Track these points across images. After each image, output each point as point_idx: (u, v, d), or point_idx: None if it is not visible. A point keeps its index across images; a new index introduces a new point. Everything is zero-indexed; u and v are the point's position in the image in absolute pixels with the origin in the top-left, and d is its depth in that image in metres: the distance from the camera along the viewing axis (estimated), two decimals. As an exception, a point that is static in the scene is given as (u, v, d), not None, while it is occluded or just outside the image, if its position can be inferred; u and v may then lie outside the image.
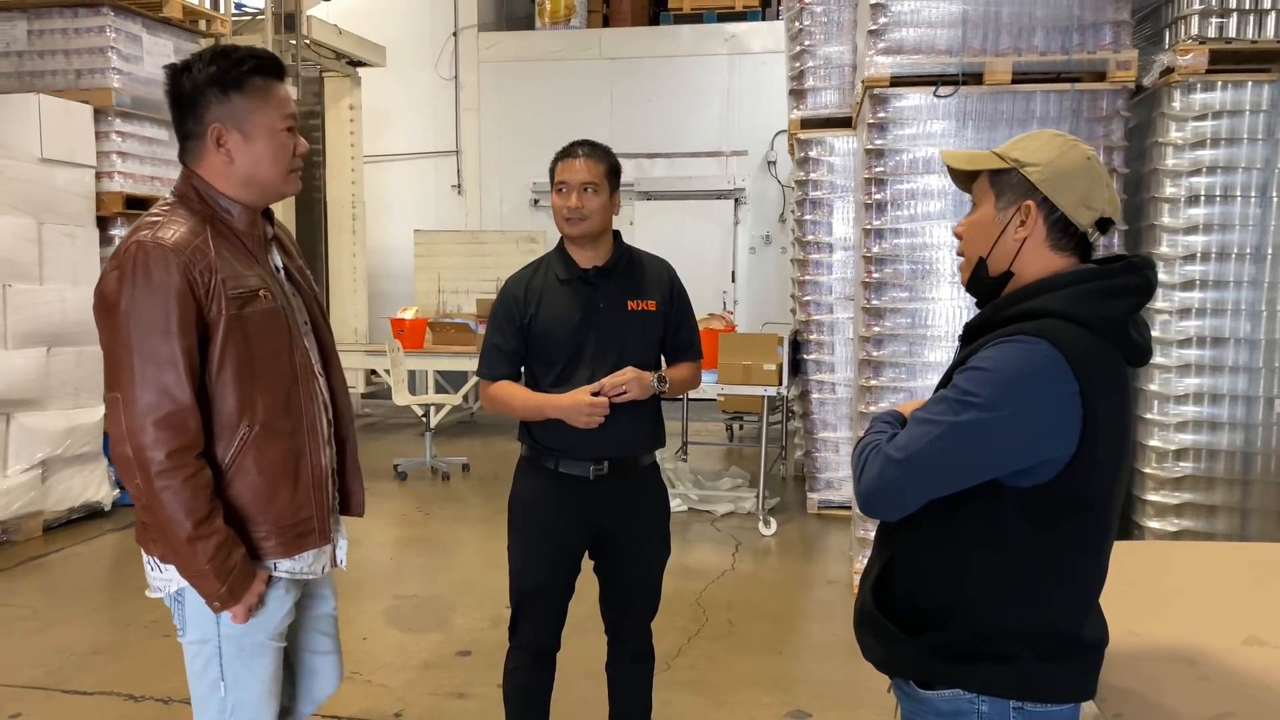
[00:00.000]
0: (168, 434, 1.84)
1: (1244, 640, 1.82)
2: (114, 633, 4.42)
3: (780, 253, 11.30)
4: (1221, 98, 4.44)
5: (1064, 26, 4.59)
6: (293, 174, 2.02)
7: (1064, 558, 1.57)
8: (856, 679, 3.95)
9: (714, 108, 11.43)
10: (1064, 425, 1.50)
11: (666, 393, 2.76)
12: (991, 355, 1.54)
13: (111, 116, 6.42)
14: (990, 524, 1.56)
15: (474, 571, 5.37)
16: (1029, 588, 1.56)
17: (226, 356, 1.91)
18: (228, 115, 1.95)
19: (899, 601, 1.66)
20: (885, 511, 1.61)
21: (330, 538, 2.13)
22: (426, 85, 12.00)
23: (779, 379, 6.12)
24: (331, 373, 2.19)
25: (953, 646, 1.60)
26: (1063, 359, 1.50)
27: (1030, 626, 1.57)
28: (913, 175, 4.82)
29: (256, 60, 1.96)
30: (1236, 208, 4.47)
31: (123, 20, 6.46)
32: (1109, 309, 1.57)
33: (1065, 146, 1.64)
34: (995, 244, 1.66)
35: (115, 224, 6.52)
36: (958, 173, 1.77)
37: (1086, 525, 1.58)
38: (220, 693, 2.02)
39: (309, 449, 2.05)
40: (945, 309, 4.82)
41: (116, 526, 6.16)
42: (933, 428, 1.53)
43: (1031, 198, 1.63)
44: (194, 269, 1.87)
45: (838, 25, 6.29)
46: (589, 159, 2.69)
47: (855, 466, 1.65)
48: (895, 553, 1.67)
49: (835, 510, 6.45)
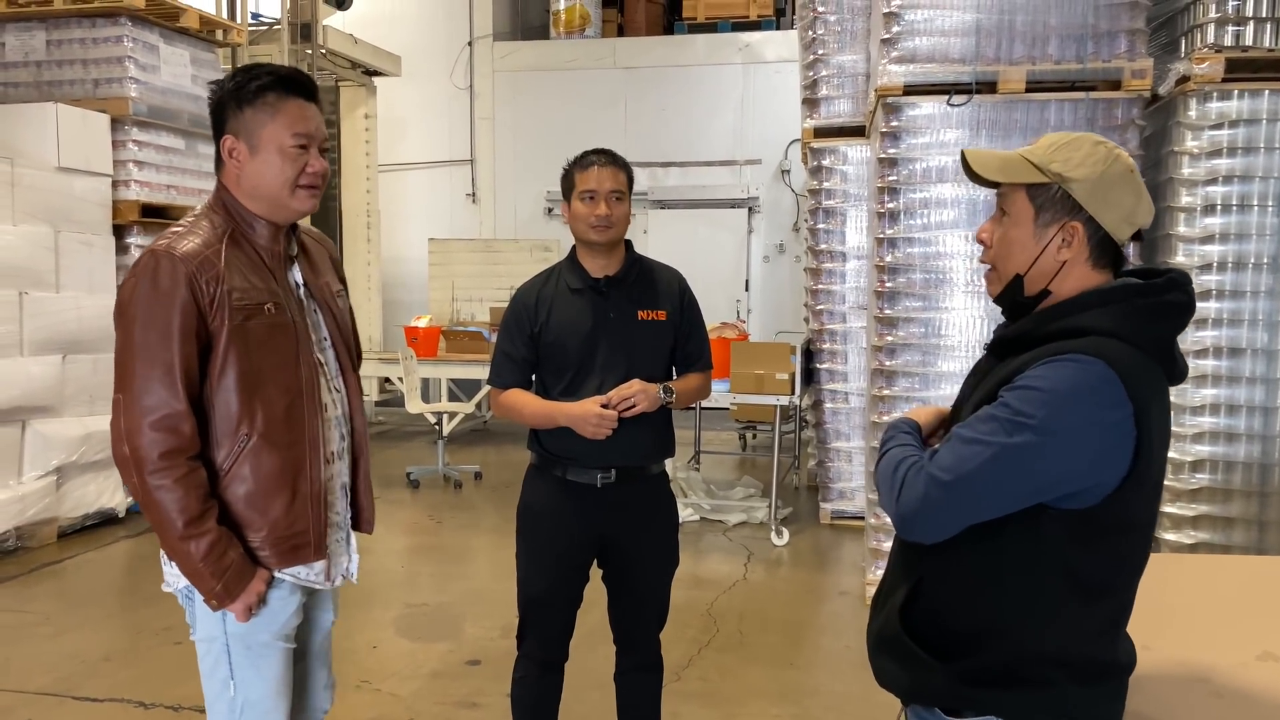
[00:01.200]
0: (162, 435, 1.90)
1: (1258, 656, 1.79)
2: (126, 639, 4.44)
3: (794, 261, 11.29)
4: (1238, 106, 4.40)
5: (1078, 35, 4.56)
6: (301, 190, 2.03)
7: (1104, 580, 1.51)
8: (870, 693, 3.89)
9: (728, 116, 11.44)
10: (1118, 449, 1.44)
11: (674, 404, 2.75)
12: (1045, 374, 1.46)
13: (128, 126, 6.47)
14: (1029, 545, 1.49)
15: (485, 580, 5.36)
16: (1067, 611, 1.50)
17: (228, 365, 1.95)
18: (239, 128, 2.01)
19: (925, 624, 1.58)
20: (927, 534, 1.52)
21: (325, 554, 2.12)
22: (441, 94, 12.05)
23: (792, 388, 6.09)
24: (350, 389, 2.21)
25: (985, 672, 1.53)
26: (1118, 380, 1.44)
27: (1066, 651, 1.51)
28: (926, 184, 4.80)
29: (273, 77, 2.00)
30: (1254, 217, 4.42)
31: (140, 30, 6.52)
32: (1158, 329, 1.52)
33: (1109, 159, 1.54)
34: (1034, 263, 1.57)
35: (131, 232, 6.56)
36: (978, 173, 1.64)
37: (1130, 547, 1.52)
38: (230, 692, 2.05)
39: (309, 463, 2.06)
40: (959, 318, 4.79)
41: (130, 533, 6.18)
42: (983, 449, 1.45)
43: (1076, 217, 1.54)
44: (200, 279, 1.92)
45: (851, 34, 6.28)
46: (614, 167, 2.69)
47: (889, 482, 1.56)
48: (924, 574, 1.59)
49: (848, 521, 6.41)
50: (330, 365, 2.16)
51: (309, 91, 2.05)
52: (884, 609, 1.66)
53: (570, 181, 2.72)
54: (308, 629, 2.22)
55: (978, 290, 4.76)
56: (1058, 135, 1.60)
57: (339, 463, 2.17)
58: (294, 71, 2.05)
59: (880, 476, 1.60)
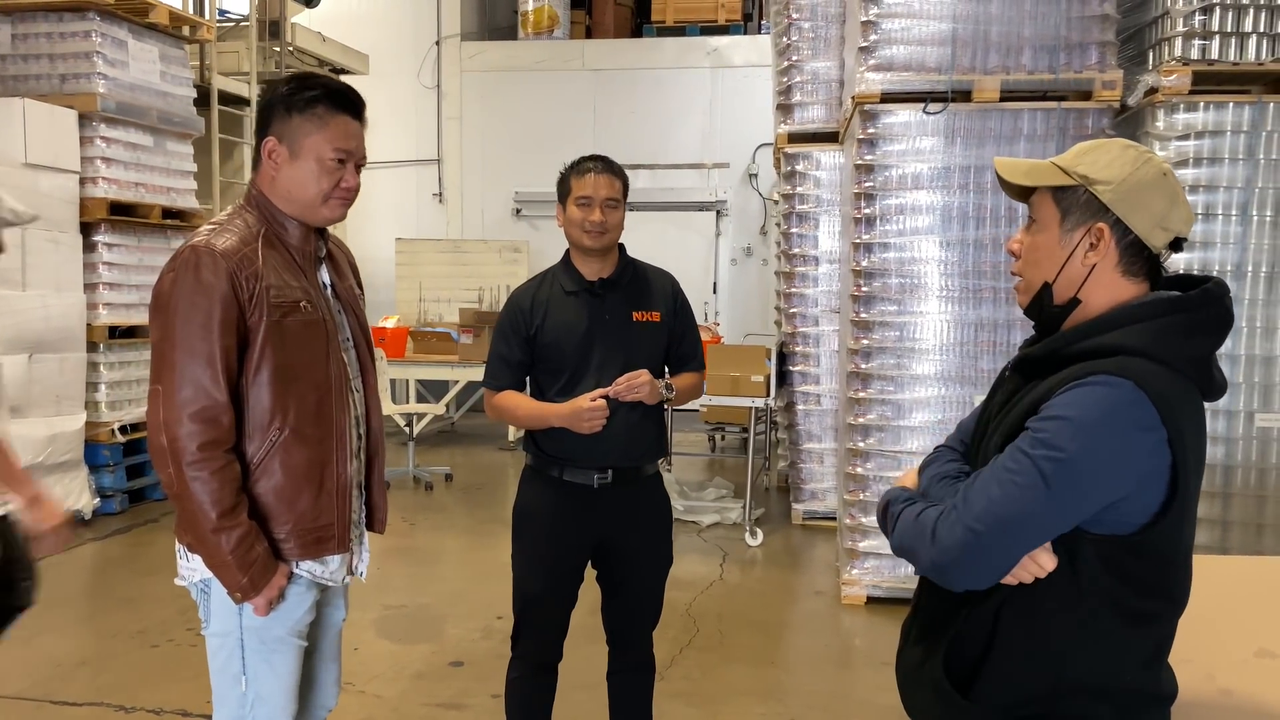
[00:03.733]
0: (201, 427, 1.92)
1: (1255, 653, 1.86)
2: (100, 643, 4.38)
3: (761, 265, 11.38)
4: (1204, 118, 4.53)
5: (1051, 46, 4.67)
6: (332, 202, 2.09)
7: (1145, 608, 1.48)
8: (849, 689, 3.99)
9: (696, 120, 11.50)
10: (1155, 473, 1.41)
11: (672, 401, 2.79)
12: (1072, 402, 1.41)
13: (96, 122, 6.37)
14: (1069, 574, 1.45)
15: (461, 582, 5.35)
16: (1111, 640, 1.46)
17: (264, 360, 1.99)
18: (284, 132, 2.06)
19: (964, 660, 1.53)
20: (970, 582, 1.46)
21: (348, 546, 2.17)
22: (409, 94, 11.98)
23: (767, 390, 6.16)
24: (368, 390, 2.25)
25: (1026, 708, 1.49)
26: (1148, 401, 1.38)
27: (1108, 683, 1.47)
28: (902, 190, 4.88)
29: (326, 90, 2.06)
30: (1218, 226, 4.55)
31: (108, 25, 6.42)
32: (1194, 348, 1.46)
33: (1139, 161, 1.49)
34: (1062, 269, 1.52)
35: (99, 230, 6.47)
36: (1011, 184, 1.61)
37: (1173, 573, 1.49)
38: (241, 687, 2.06)
39: (336, 458, 2.10)
40: (933, 323, 4.88)
41: (97, 535, 6.09)
42: (1018, 491, 1.40)
43: (1103, 219, 1.49)
44: (240, 275, 1.96)
45: (825, 41, 6.35)
46: (609, 175, 2.75)
47: (915, 534, 1.50)
48: (969, 614, 1.53)
49: (820, 521, 6.50)
50: (352, 365, 2.20)
51: (357, 110, 2.11)
52: (923, 644, 1.61)
53: (566, 186, 2.75)
54: (319, 626, 2.24)
55: (951, 295, 4.85)
56: (1088, 142, 1.58)
57: (356, 461, 2.20)
58: (347, 88, 2.11)
59: (902, 534, 1.54)
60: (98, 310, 6.46)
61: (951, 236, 4.83)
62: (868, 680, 4.07)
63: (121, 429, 6.60)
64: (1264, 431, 4.61)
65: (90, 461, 6.40)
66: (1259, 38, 4.44)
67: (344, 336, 2.19)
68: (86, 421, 6.33)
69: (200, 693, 3.83)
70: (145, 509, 6.76)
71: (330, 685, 2.34)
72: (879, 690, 3.91)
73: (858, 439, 4.99)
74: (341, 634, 2.38)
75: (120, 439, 6.58)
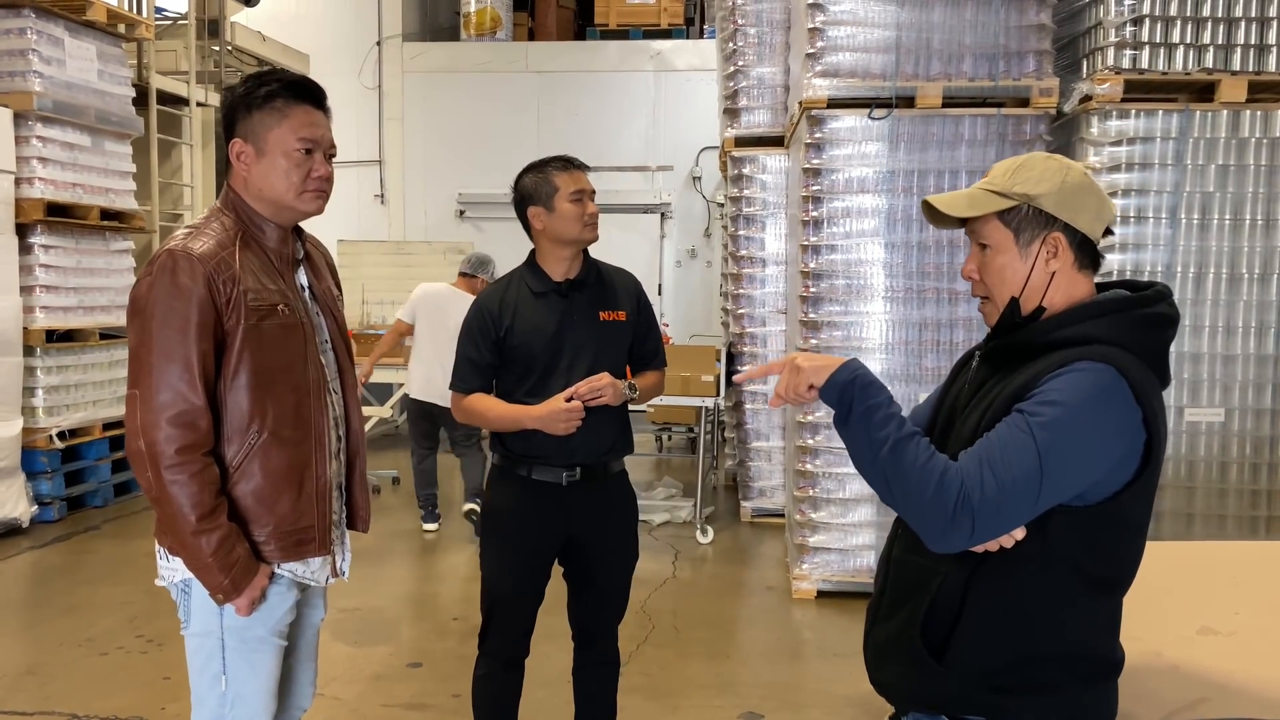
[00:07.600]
0: (178, 431, 1.93)
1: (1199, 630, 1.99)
2: (46, 652, 4.29)
3: (705, 266, 11.49)
4: (1135, 125, 4.72)
5: (991, 54, 4.83)
6: (306, 195, 2.09)
7: (1107, 574, 1.59)
8: (803, 680, 4.08)
9: (640, 123, 11.57)
10: (1133, 449, 1.53)
11: (635, 400, 2.84)
12: (1061, 386, 1.52)
13: (32, 121, 6.23)
14: (1040, 542, 1.55)
15: (413, 584, 5.35)
16: (1074, 609, 1.57)
17: (242, 363, 1.99)
18: (248, 131, 2.06)
19: (938, 631, 1.61)
20: (960, 546, 1.53)
21: (329, 549, 2.18)
22: (349, 94, 11.84)
23: (717, 390, 6.24)
24: (347, 391, 2.26)
25: (996, 676, 1.58)
26: (1127, 384, 1.52)
27: (1073, 651, 1.58)
28: (848, 194, 5.00)
29: (281, 83, 2.05)
30: (1149, 228, 4.75)
31: (44, 22, 6.28)
32: (1156, 338, 1.61)
33: (1063, 169, 1.63)
34: (1027, 281, 1.63)
35: (35, 232, 6.32)
36: (944, 215, 1.69)
37: (1132, 542, 1.60)
38: (221, 687, 2.06)
39: (315, 460, 2.11)
40: (878, 323, 5.01)
41: (35, 544, 5.95)
42: (1020, 469, 1.49)
43: (1054, 228, 1.62)
44: (217, 279, 1.96)
45: (770, 47, 6.47)
46: (586, 170, 2.83)
47: (923, 482, 1.52)
48: (942, 583, 1.60)
49: (768, 518, 6.61)
50: (330, 367, 2.20)
51: (317, 98, 2.10)
52: (894, 618, 1.68)
53: (550, 185, 2.77)
54: (297, 625, 2.25)
55: (896, 296, 4.98)
56: (1006, 162, 1.68)
57: (335, 462, 2.20)
58: (302, 79, 2.10)
59: (897, 464, 1.54)
60: (34, 313, 6.31)
61: (896, 239, 4.96)
62: (820, 671, 4.17)
63: (60, 435, 6.45)
64: (1193, 425, 4.81)
65: (27, 468, 6.25)
66: (1186, 48, 4.64)
67: (322, 339, 2.19)
68: (24, 427, 6.18)
69: (155, 699, 3.79)
70: (84, 516, 6.62)
71: (307, 685, 2.35)
72: (831, 680, 4.01)
73: (806, 436, 5.10)
74: (319, 633, 2.38)
75: (58, 445, 6.43)
